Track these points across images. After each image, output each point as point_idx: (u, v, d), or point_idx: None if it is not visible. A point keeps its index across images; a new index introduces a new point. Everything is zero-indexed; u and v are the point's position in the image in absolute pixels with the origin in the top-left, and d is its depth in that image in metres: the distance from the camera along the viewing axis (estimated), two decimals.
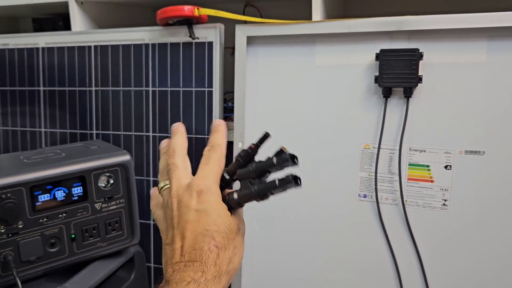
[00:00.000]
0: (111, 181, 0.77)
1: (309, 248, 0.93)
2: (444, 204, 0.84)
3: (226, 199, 0.46)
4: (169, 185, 0.47)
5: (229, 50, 1.09)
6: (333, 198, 0.91)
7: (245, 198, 0.46)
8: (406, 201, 0.85)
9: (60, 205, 0.73)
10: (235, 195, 0.46)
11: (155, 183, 1.03)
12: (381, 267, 0.89)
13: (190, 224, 0.43)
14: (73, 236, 0.75)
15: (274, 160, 0.46)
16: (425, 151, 0.84)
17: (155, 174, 1.02)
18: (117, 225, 0.79)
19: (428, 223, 0.85)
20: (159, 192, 0.50)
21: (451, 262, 0.84)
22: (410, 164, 0.85)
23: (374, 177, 0.87)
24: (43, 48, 1.09)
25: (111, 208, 0.78)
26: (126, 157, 0.78)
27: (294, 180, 0.44)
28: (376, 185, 0.87)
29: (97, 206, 0.76)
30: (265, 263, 0.97)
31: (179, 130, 0.50)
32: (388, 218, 0.87)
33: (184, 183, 0.46)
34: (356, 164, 0.89)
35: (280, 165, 0.46)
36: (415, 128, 0.84)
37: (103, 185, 0.77)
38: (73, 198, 0.74)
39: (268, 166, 0.47)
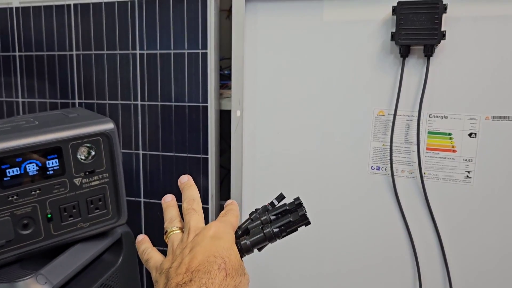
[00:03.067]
0: (92, 153, 0.68)
1: (317, 227, 0.85)
2: (467, 177, 0.76)
3: (238, 246, 0.47)
4: (178, 231, 0.50)
5: (224, 13, 1.00)
6: (342, 172, 0.83)
7: (257, 242, 0.47)
8: (424, 173, 0.77)
9: (33, 180, 0.64)
10: (247, 241, 0.47)
11: (145, 157, 0.93)
12: (397, 246, 0.81)
13: (203, 248, 0.44)
14: (49, 216, 0.66)
15: (290, 218, 0.47)
16: (447, 117, 0.76)
17: (145, 147, 0.93)
18: (100, 203, 0.70)
19: (449, 198, 0.77)
20: (166, 237, 0.51)
21: (473, 240, 0.77)
22: (429, 132, 0.77)
23: (389, 147, 0.78)
24: (17, 8, 0.99)
25: (93, 183, 0.69)
26: (109, 125, 0.69)
27: (306, 219, 0.46)
28: (391, 156, 0.78)
29: (77, 181, 0.67)
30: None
31: (191, 183, 0.53)
32: (404, 192, 0.80)
33: (201, 225, 0.48)
34: (368, 133, 0.80)
35: (292, 209, 0.48)
36: (436, 91, 0.76)
37: (83, 157, 0.67)
38: (48, 173, 0.65)
39: (283, 215, 0.48)
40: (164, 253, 0.49)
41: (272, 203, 0.49)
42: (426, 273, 0.80)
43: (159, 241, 0.88)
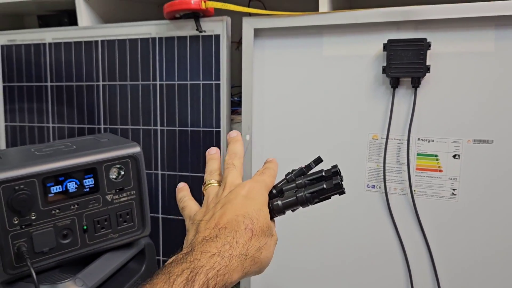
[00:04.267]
0: (122, 173, 0.78)
1: (316, 239, 0.94)
2: (452, 194, 0.84)
3: (269, 206, 0.47)
4: (216, 184, 0.50)
5: (234, 44, 1.09)
6: None
7: (289, 204, 0.47)
8: (414, 190, 0.86)
9: (72, 196, 0.73)
10: (279, 202, 0.47)
11: (164, 177, 1.03)
12: (390, 257, 0.89)
13: (234, 206, 0.44)
14: (85, 227, 0.75)
15: (324, 185, 0.47)
16: (433, 140, 0.84)
17: (164, 168, 1.03)
18: (128, 216, 0.79)
19: (437, 213, 0.85)
20: (204, 188, 0.51)
21: (460, 251, 0.84)
22: (418, 154, 0.85)
23: (382, 167, 0.87)
24: (50, 44, 1.09)
25: (122, 199, 0.78)
26: (137, 149, 0.79)
27: (340, 187, 0.46)
28: (384, 175, 0.87)
29: (108, 197, 0.77)
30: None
31: (239, 139, 0.53)
32: (397, 208, 0.87)
33: (237, 182, 0.49)
34: (364, 154, 0.89)
35: (328, 174, 0.48)
36: (423, 118, 0.84)
37: (114, 176, 0.77)
38: (85, 190, 0.74)
39: (317, 177, 0.48)
40: (200, 202, 0.50)
41: (308, 166, 0.49)
42: (418, 282, 0.88)
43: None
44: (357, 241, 0.91)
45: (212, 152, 0.54)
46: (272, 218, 0.47)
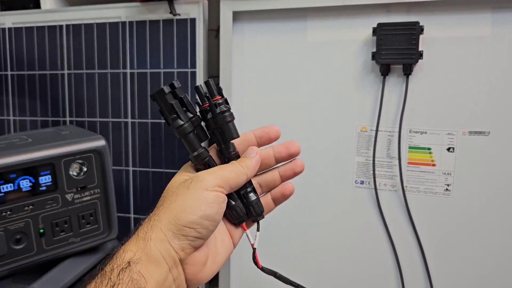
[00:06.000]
0: (84, 169, 0.70)
1: (303, 239, 0.87)
2: (446, 189, 0.78)
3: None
4: None
5: (212, 32, 1.03)
6: (328, 186, 0.85)
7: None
8: (406, 186, 0.80)
9: (26, 196, 0.65)
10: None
11: (135, 174, 0.95)
12: (380, 258, 0.83)
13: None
14: (41, 231, 0.67)
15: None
16: (426, 132, 0.78)
17: (135, 164, 0.95)
18: (91, 218, 0.71)
19: (430, 210, 0.80)
20: None
21: (454, 250, 0.79)
22: (410, 147, 0.80)
23: (372, 161, 0.81)
24: (9, 29, 1.01)
25: (84, 199, 0.70)
26: (101, 142, 0.71)
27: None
28: (374, 170, 0.81)
29: (69, 197, 0.69)
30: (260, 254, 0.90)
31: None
32: (387, 205, 0.82)
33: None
34: (352, 148, 0.83)
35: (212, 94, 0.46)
36: (415, 108, 0.79)
37: (75, 173, 0.69)
38: (41, 188, 0.66)
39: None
40: None
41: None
42: (409, 282, 0.82)
43: None
44: (344, 240, 0.85)
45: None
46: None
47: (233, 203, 0.45)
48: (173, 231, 0.39)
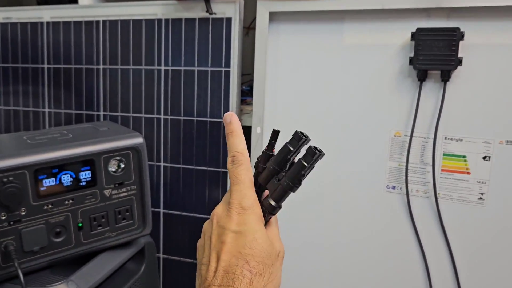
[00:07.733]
0: (122, 166, 0.71)
1: (333, 244, 0.87)
2: (480, 198, 0.77)
3: (262, 207, 0.43)
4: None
5: (244, 30, 1.03)
6: (359, 190, 0.85)
7: (279, 196, 0.43)
8: (439, 194, 0.79)
9: (67, 190, 0.67)
10: (270, 200, 0.43)
11: (166, 170, 0.96)
12: (410, 265, 0.83)
13: (226, 246, 0.41)
14: (80, 224, 0.69)
15: (289, 146, 0.43)
16: (461, 140, 0.77)
17: (166, 160, 0.96)
18: (127, 213, 0.73)
19: (463, 218, 0.79)
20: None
21: (486, 261, 0.78)
22: (444, 154, 0.79)
23: (405, 167, 0.80)
24: (47, 23, 1.02)
25: (121, 195, 0.72)
26: (139, 140, 0.72)
27: (317, 151, 0.41)
28: (406, 176, 0.80)
29: (107, 192, 0.70)
30: (288, 257, 0.91)
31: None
32: (419, 212, 0.81)
33: (245, 204, 0.43)
34: (385, 153, 0.82)
35: (295, 145, 0.43)
36: (452, 115, 0.77)
37: (113, 169, 0.70)
38: (81, 184, 0.68)
39: (285, 154, 0.43)
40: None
41: (270, 144, 0.44)
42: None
43: (177, 251, 0.90)
44: (374, 246, 0.85)
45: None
46: (266, 221, 0.44)
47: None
48: None
